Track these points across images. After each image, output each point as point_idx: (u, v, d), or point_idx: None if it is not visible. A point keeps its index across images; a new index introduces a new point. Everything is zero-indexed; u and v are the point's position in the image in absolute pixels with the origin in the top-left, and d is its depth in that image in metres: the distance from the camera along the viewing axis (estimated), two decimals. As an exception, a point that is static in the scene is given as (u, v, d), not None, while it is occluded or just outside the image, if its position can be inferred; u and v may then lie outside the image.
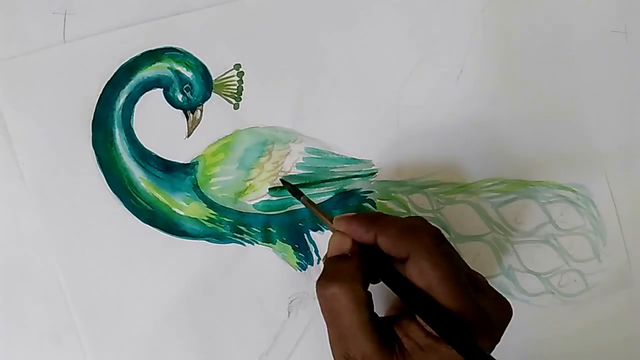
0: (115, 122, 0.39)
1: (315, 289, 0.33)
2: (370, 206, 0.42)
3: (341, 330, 0.31)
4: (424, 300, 0.30)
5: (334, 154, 0.41)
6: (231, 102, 0.40)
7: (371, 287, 0.33)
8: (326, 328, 0.32)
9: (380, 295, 0.36)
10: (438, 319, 0.29)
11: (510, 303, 0.34)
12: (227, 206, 0.40)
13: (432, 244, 0.31)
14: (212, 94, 0.40)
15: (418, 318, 0.31)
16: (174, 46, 0.40)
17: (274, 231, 0.41)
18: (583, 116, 0.44)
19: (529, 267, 0.43)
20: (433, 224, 0.33)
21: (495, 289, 0.34)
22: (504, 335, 0.32)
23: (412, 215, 0.42)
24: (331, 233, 0.35)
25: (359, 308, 0.31)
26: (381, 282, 0.33)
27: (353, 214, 0.34)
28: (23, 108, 0.39)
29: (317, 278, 0.33)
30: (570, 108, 0.43)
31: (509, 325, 0.33)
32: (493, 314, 0.31)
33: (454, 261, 0.32)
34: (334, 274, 0.32)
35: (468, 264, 0.34)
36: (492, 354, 0.30)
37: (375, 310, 0.32)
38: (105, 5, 0.39)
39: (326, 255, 0.34)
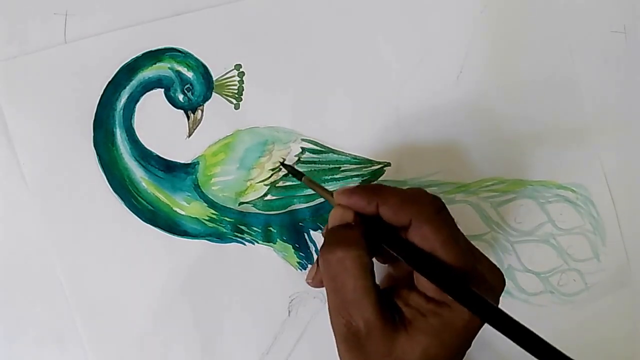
0: (117, 122, 0.39)
1: (319, 256, 0.32)
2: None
3: (344, 296, 0.31)
4: (430, 261, 0.30)
5: (334, 153, 0.41)
6: (232, 102, 0.40)
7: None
8: (327, 297, 0.32)
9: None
10: (444, 276, 0.30)
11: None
12: (228, 206, 0.40)
13: (433, 210, 0.31)
14: (213, 94, 0.40)
15: (419, 284, 0.31)
16: (174, 46, 0.40)
17: (275, 231, 0.41)
18: (583, 116, 0.44)
19: (529, 267, 0.43)
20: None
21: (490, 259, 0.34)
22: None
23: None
24: None
25: (364, 274, 0.31)
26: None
27: (352, 186, 0.34)
28: (24, 108, 0.39)
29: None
30: (570, 108, 0.43)
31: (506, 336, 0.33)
32: (490, 278, 0.32)
33: (454, 226, 0.32)
34: (338, 240, 0.32)
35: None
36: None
37: None
38: (106, 6, 0.39)
39: (327, 227, 0.34)
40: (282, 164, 0.40)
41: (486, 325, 0.29)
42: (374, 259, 0.33)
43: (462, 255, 0.30)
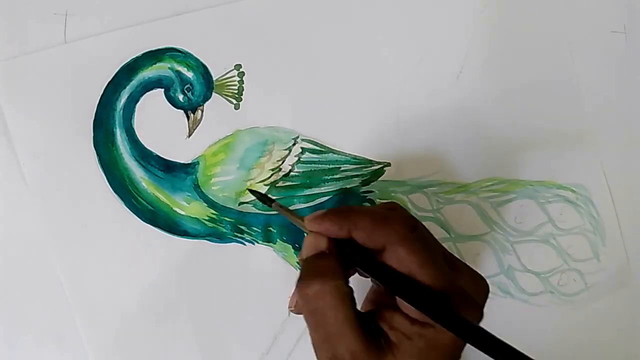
0: (116, 122, 0.39)
1: (296, 290, 0.32)
2: (370, 206, 0.42)
3: (327, 329, 0.30)
4: (408, 284, 0.30)
5: (334, 153, 0.41)
6: (232, 103, 0.40)
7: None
8: (309, 332, 0.31)
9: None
10: (424, 299, 0.29)
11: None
12: (228, 206, 0.40)
13: (406, 230, 0.31)
14: (213, 94, 0.40)
15: (401, 306, 0.31)
16: (174, 46, 0.40)
17: (275, 231, 0.41)
18: (583, 116, 0.44)
19: (529, 267, 0.43)
20: (403, 207, 0.33)
21: (470, 266, 0.34)
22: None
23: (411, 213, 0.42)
24: None
25: (344, 304, 0.30)
26: (352, 279, 0.33)
27: (324, 210, 0.33)
28: (24, 108, 0.39)
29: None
30: (570, 108, 0.43)
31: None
32: (471, 290, 0.31)
33: (429, 244, 0.31)
34: (315, 272, 0.31)
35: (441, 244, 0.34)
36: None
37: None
38: (106, 6, 0.39)
39: (301, 256, 0.34)
40: (251, 190, 0.39)
41: None
42: (358, 275, 0.32)
43: (439, 275, 0.30)
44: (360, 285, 0.32)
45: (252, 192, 0.39)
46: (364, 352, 0.29)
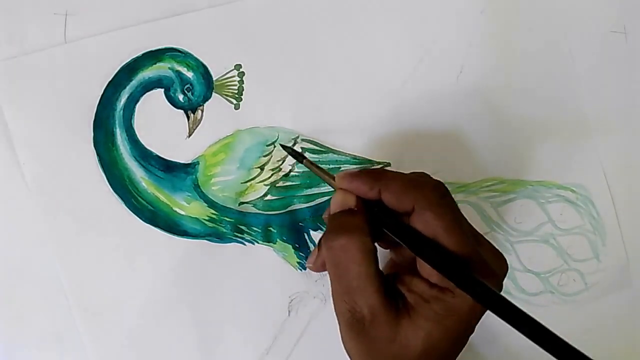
0: (117, 122, 0.39)
1: (322, 243, 0.32)
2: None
3: (348, 282, 0.31)
4: (432, 247, 0.30)
5: (334, 153, 0.41)
6: (232, 102, 0.40)
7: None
8: (330, 283, 0.32)
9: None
10: (447, 263, 0.30)
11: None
12: (228, 206, 0.40)
13: (436, 196, 0.31)
14: (213, 94, 0.40)
15: (422, 270, 0.31)
16: (175, 46, 0.40)
17: (275, 231, 0.41)
18: (583, 116, 0.44)
19: (529, 267, 0.43)
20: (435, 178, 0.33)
21: (493, 244, 0.34)
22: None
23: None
24: None
25: (368, 259, 0.31)
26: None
27: (354, 170, 0.33)
28: (24, 108, 0.39)
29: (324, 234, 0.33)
30: (570, 108, 0.44)
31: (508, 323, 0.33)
32: (492, 263, 0.32)
33: (457, 212, 0.32)
34: (341, 226, 0.32)
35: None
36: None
37: None
38: (106, 6, 0.39)
39: (327, 213, 0.34)
40: (282, 145, 0.39)
41: (491, 315, 0.29)
42: (376, 244, 0.33)
43: (464, 242, 0.30)
44: (381, 254, 0.33)
45: (284, 147, 0.38)
46: (382, 308, 0.30)
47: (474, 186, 0.43)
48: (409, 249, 0.31)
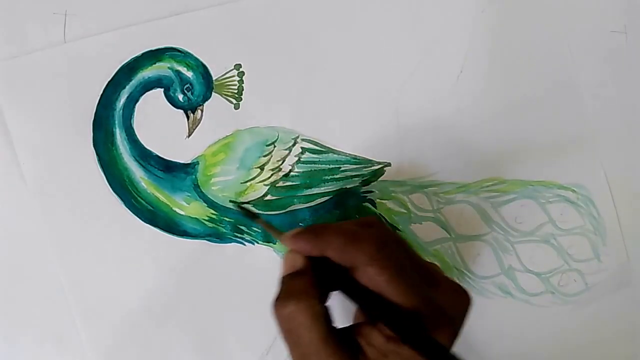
0: (116, 122, 0.39)
1: (273, 310, 0.32)
2: (370, 206, 0.42)
3: (302, 349, 0.30)
4: (379, 303, 0.30)
5: (334, 153, 0.41)
6: (232, 102, 0.40)
7: (335, 298, 0.33)
8: (287, 351, 0.32)
9: (344, 306, 0.35)
10: (394, 319, 0.29)
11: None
12: (228, 206, 0.40)
13: (374, 250, 0.31)
14: (213, 94, 0.40)
15: (377, 323, 0.31)
16: (174, 46, 0.40)
17: (275, 231, 0.41)
18: (583, 116, 0.44)
19: (529, 267, 0.43)
20: (382, 222, 0.33)
21: (453, 279, 0.34)
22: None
23: (411, 214, 0.42)
24: None
25: (318, 323, 0.30)
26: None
27: (300, 229, 0.33)
28: (23, 108, 0.39)
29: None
30: (570, 108, 0.43)
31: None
32: (449, 306, 0.31)
33: (399, 262, 0.31)
34: (289, 292, 0.32)
35: (421, 257, 0.34)
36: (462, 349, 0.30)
37: (339, 321, 0.32)
38: (105, 6, 0.39)
39: (280, 274, 0.34)
40: (235, 203, 0.40)
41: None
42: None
43: (411, 293, 0.30)
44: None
45: (239, 206, 0.39)
46: None
47: (474, 186, 0.43)
48: (357, 305, 0.31)
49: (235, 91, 0.40)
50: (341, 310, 0.35)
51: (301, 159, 0.41)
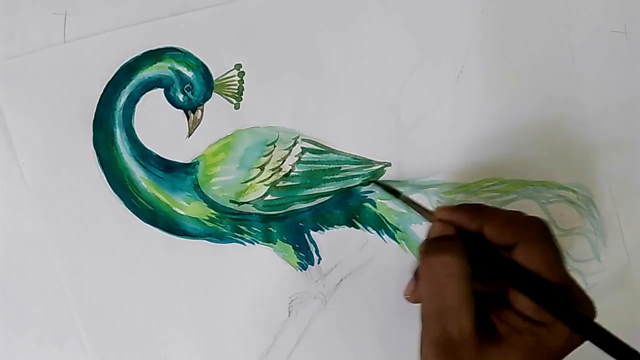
0: (116, 121, 0.39)
1: (422, 257, 0.32)
2: (370, 206, 0.42)
3: (444, 301, 0.31)
4: (534, 281, 0.31)
5: (334, 153, 0.41)
6: (232, 102, 0.40)
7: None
8: (422, 304, 0.32)
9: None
10: (548, 296, 0.30)
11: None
12: (228, 206, 0.40)
13: (541, 232, 0.32)
14: (213, 93, 0.40)
15: (516, 303, 0.31)
16: (174, 46, 0.40)
17: (275, 231, 0.41)
18: (583, 116, 0.44)
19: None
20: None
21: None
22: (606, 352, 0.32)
23: (412, 214, 0.42)
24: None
25: (466, 281, 0.31)
26: None
27: (456, 205, 0.34)
28: (23, 108, 0.39)
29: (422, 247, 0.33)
30: (570, 108, 0.43)
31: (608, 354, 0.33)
32: (583, 305, 0.32)
33: (560, 249, 0.32)
34: (442, 247, 0.32)
35: None
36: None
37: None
38: (105, 5, 0.39)
39: (425, 240, 0.35)
40: (375, 182, 0.40)
41: None
42: None
43: (565, 277, 0.31)
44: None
45: (378, 183, 0.39)
46: (472, 332, 0.30)
47: (474, 186, 0.43)
48: (508, 282, 0.31)
49: (236, 91, 0.40)
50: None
51: (301, 159, 0.41)
